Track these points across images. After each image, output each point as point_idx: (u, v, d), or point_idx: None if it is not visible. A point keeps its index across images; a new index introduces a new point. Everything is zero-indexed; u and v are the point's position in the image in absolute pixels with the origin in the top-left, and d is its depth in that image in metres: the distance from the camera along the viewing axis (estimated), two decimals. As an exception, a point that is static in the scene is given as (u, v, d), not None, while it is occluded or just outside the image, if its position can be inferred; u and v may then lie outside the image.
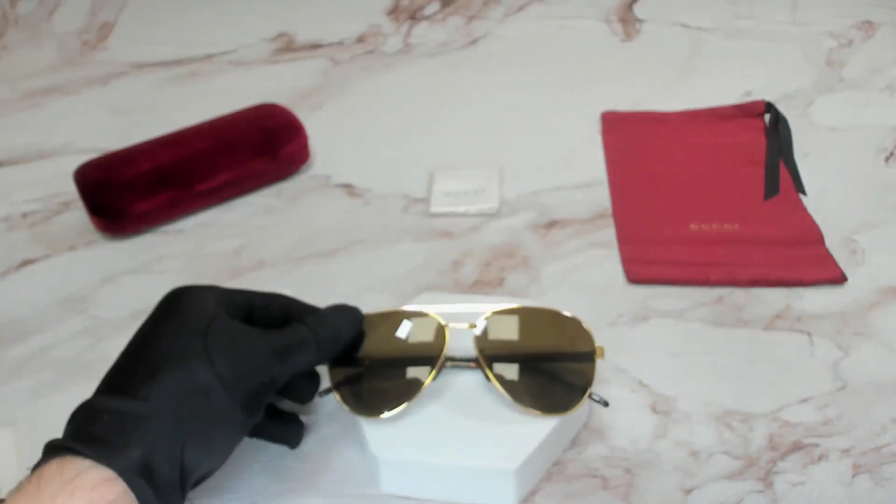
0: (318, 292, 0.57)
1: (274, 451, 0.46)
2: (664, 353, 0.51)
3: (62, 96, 0.80)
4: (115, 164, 0.63)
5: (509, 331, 0.45)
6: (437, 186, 0.66)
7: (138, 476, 0.33)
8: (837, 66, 0.79)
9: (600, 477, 0.44)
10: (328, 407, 0.48)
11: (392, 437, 0.43)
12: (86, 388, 0.44)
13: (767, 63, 0.80)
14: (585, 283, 0.57)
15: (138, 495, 0.32)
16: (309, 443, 0.46)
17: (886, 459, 0.44)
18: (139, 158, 0.63)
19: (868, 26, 0.84)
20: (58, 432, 0.34)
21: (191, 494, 0.43)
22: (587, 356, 0.44)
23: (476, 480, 0.42)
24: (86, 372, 0.51)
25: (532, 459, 0.42)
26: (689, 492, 0.43)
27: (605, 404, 0.44)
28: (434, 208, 0.64)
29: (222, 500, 0.43)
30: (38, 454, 0.35)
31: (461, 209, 0.64)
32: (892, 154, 0.68)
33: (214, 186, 0.65)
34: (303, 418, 0.48)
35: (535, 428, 0.43)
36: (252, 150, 0.66)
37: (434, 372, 0.44)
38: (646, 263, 0.57)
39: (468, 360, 0.45)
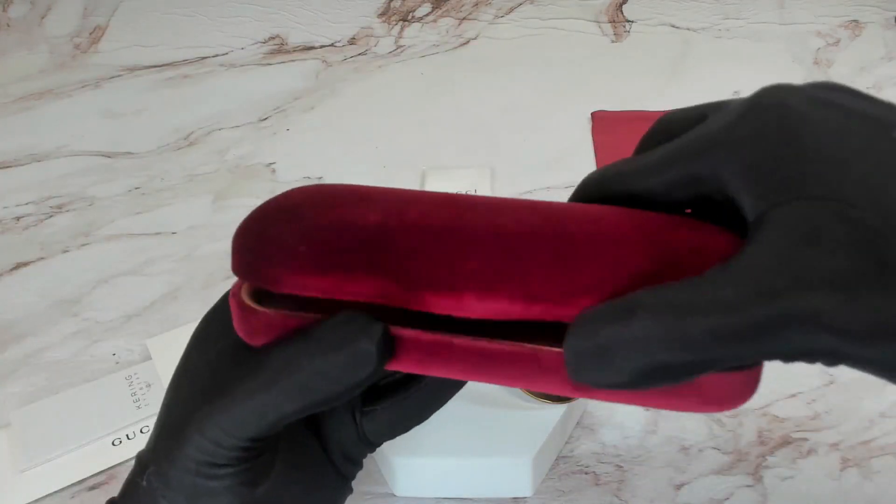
0: (310, 293, 0.57)
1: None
2: (655, 350, 0.51)
3: (54, 99, 0.80)
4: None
5: None
6: (429, 187, 0.67)
7: None
8: (825, 66, 0.80)
9: (591, 473, 0.44)
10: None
11: (406, 439, 0.43)
12: (79, 391, 0.44)
13: (756, 63, 0.81)
14: (576, 281, 0.57)
15: None
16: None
17: (875, 453, 0.44)
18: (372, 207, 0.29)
19: (855, 25, 0.85)
20: (51, 435, 0.34)
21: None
22: None
23: (494, 473, 0.43)
24: (79, 374, 0.51)
25: (545, 448, 0.43)
26: (679, 487, 0.43)
27: None
28: (426, 209, 0.64)
29: (216, 499, 0.43)
30: (31, 457, 0.34)
31: (453, 209, 0.64)
32: (879, 152, 0.69)
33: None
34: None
35: (545, 416, 0.43)
36: None
37: None
38: (636, 262, 0.58)
39: None
